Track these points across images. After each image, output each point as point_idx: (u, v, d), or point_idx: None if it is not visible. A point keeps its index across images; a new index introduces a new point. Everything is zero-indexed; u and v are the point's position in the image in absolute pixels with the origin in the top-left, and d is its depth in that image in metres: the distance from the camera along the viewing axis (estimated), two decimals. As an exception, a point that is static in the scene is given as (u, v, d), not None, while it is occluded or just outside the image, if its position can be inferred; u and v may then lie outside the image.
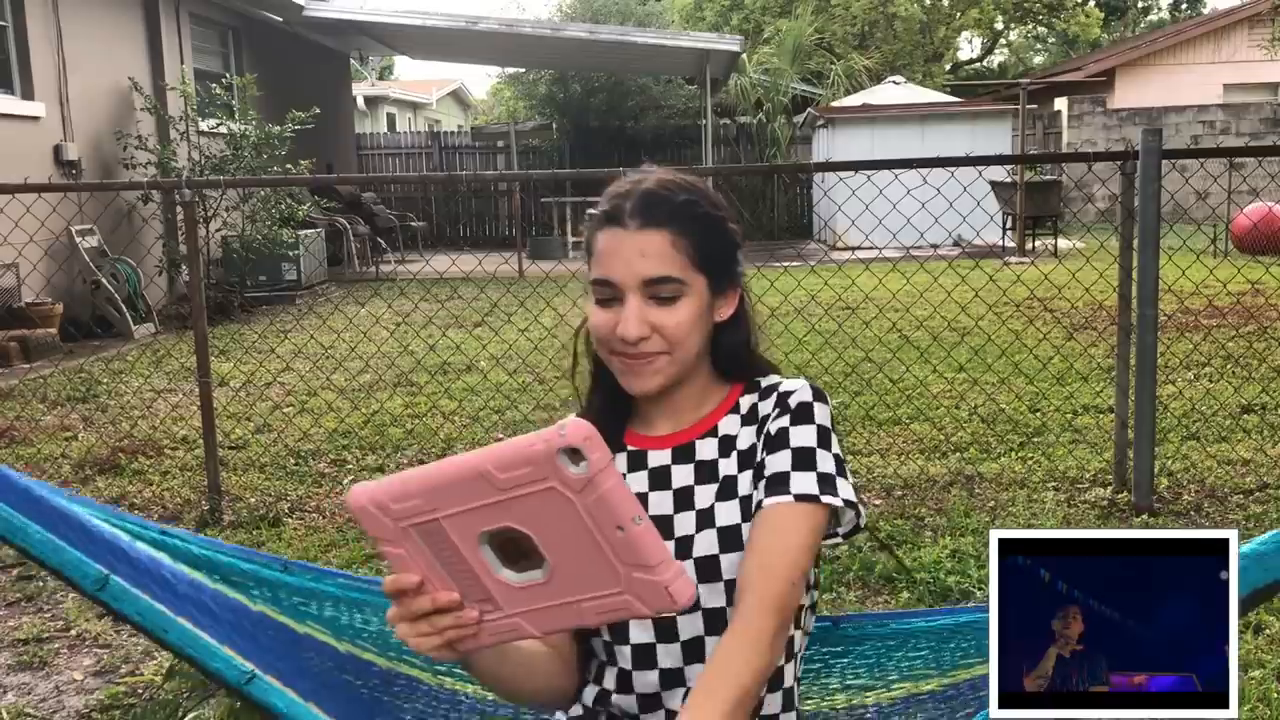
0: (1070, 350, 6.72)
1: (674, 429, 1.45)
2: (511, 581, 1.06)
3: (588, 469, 0.98)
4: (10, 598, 3.66)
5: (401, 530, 1.06)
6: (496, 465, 1.00)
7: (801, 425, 1.39)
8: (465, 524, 1.04)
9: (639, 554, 1.01)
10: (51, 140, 9.42)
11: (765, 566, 1.29)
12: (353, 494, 1.07)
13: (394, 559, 1.09)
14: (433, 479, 1.04)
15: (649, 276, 1.35)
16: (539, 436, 0.99)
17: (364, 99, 26.01)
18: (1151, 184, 3.95)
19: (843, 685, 1.70)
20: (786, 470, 1.35)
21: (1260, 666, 2.86)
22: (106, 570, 1.36)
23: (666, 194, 1.38)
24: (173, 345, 8.32)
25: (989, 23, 29.22)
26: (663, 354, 1.37)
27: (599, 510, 0.99)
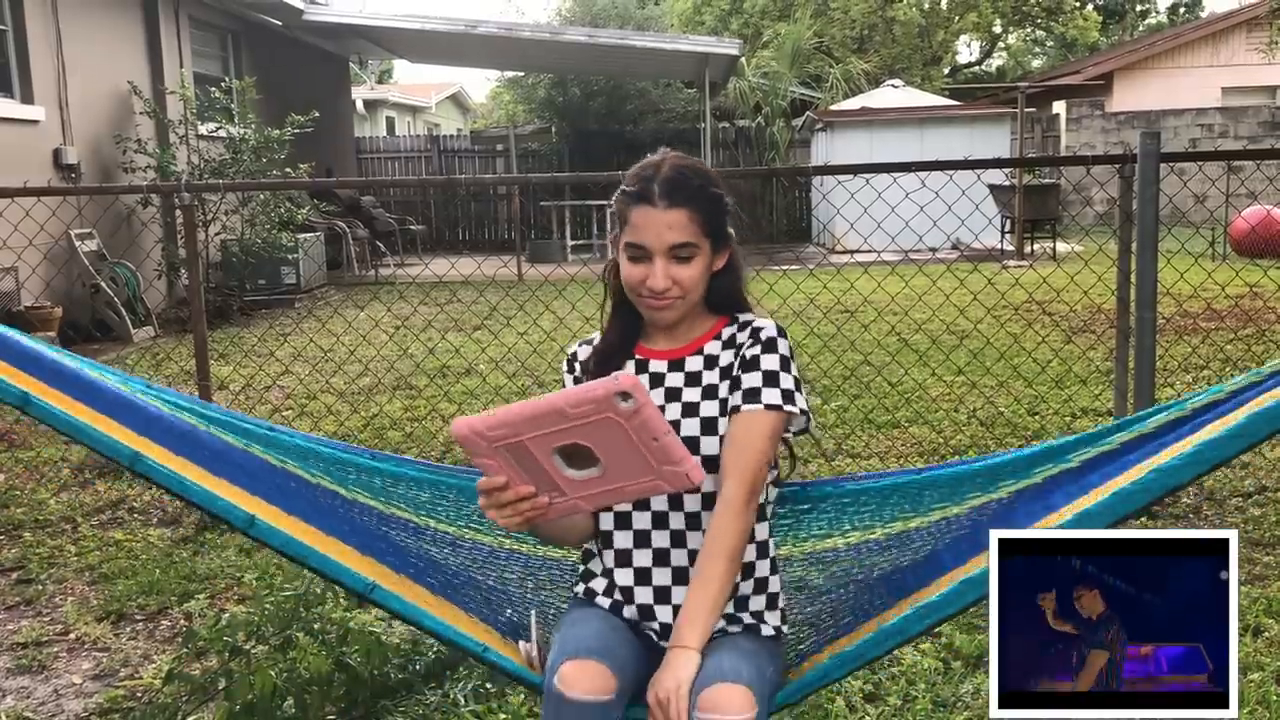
0: (1069, 353, 6.72)
1: (670, 346, 1.96)
2: (575, 477, 1.56)
3: (634, 404, 1.45)
4: (9, 601, 3.66)
5: (493, 449, 1.53)
6: (568, 403, 1.47)
7: (769, 354, 1.88)
8: (543, 442, 1.51)
9: (669, 455, 1.51)
10: (51, 144, 9.42)
11: (740, 454, 1.81)
12: (456, 424, 1.53)
13: (485, 468, 1.58)
14: (520, 413, 1.50)
15: (674, 243, 1.84)
16: (599, 384, 1.47)
17: (363, 102, 26.02)
18: (1150, 187, 3.95)
19: (809, 534, 2.20)
20: (758, 386, 1.85)
21: (1259, 669, 2.86)
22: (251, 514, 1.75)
23: (685, 179, 1.86)
24: (172, 349, 8.32)
25: (987, 26, 29.23)
26: (679, 298, 1.87)
27: (642, 429, 1.48)
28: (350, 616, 2.87)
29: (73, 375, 1.94)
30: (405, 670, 2.76)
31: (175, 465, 1.83)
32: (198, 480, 1.81)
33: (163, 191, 5.30)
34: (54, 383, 1.88)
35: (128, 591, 3.65)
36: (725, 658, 1.72)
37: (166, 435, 1.93)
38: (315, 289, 12.01)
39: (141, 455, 1.75)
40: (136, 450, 1.75)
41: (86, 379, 1.96)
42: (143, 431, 1.89)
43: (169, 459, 1.84)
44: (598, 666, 1.68)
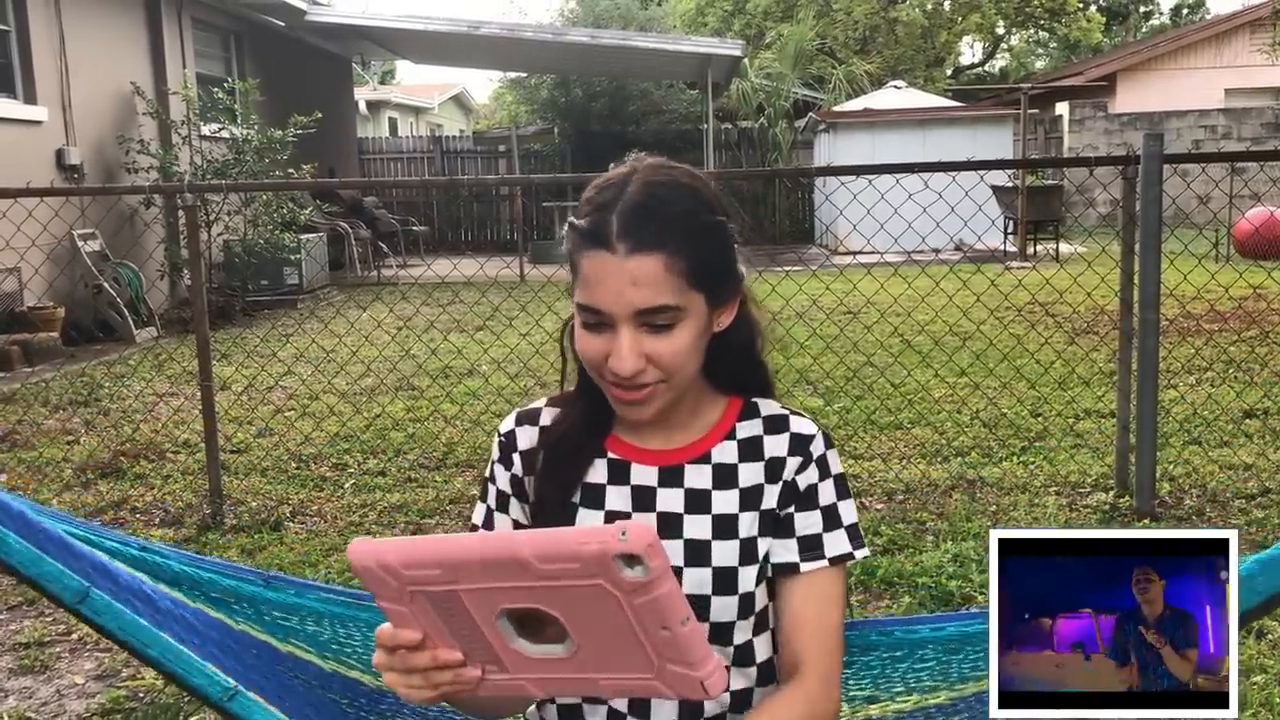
0: (1072, 355, 6.72)
1: (663, 445, 1.36)
2: (528, 652, 1.03)
3: (645, 575, 0.93)
4: (12, 601, 3.66)
5: (409, 593, 1.02)
6: (538, 556, 0.95)
7: (825, 481, 1.35)
8: (486, 599, 1.00)
9: (683, 653, 0.98)
10: (54, 144, 9.43)
11: (822, 641, 1.30)
12: (354, 550, 1.01)
13: (393, 615, 1.04)
14: (457, 553, 0.99)
15: (642, 307, 1.22)
16: (593, 535, 0.94)
17: (366, 103, 26.04)
18: (1153, 188, 3.95)
19: (847, 697, 1.64)
20: (819, 533, 1.33)
21: (1263, 671, 2.85)
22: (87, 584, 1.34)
23: (657, 205, 1.24)
24: (174, 349, 8.33)
25: (990, 27, 29.21)
26: (659, 383, 1.27)
27: (648, 611, 0.96)
28: (352, 617, 2.87)
29: None
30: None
31: None
32: None
33: (165, 192, 5.30)
34: None
35: (130, 592, 3.65)
36: None
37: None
38: (318, 290, 12.02)
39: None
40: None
41: None
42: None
43: None
44: None
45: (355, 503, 4.56)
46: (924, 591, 3.41)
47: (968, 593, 3.38)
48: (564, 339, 1.38)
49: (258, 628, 1.72)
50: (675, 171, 1.31)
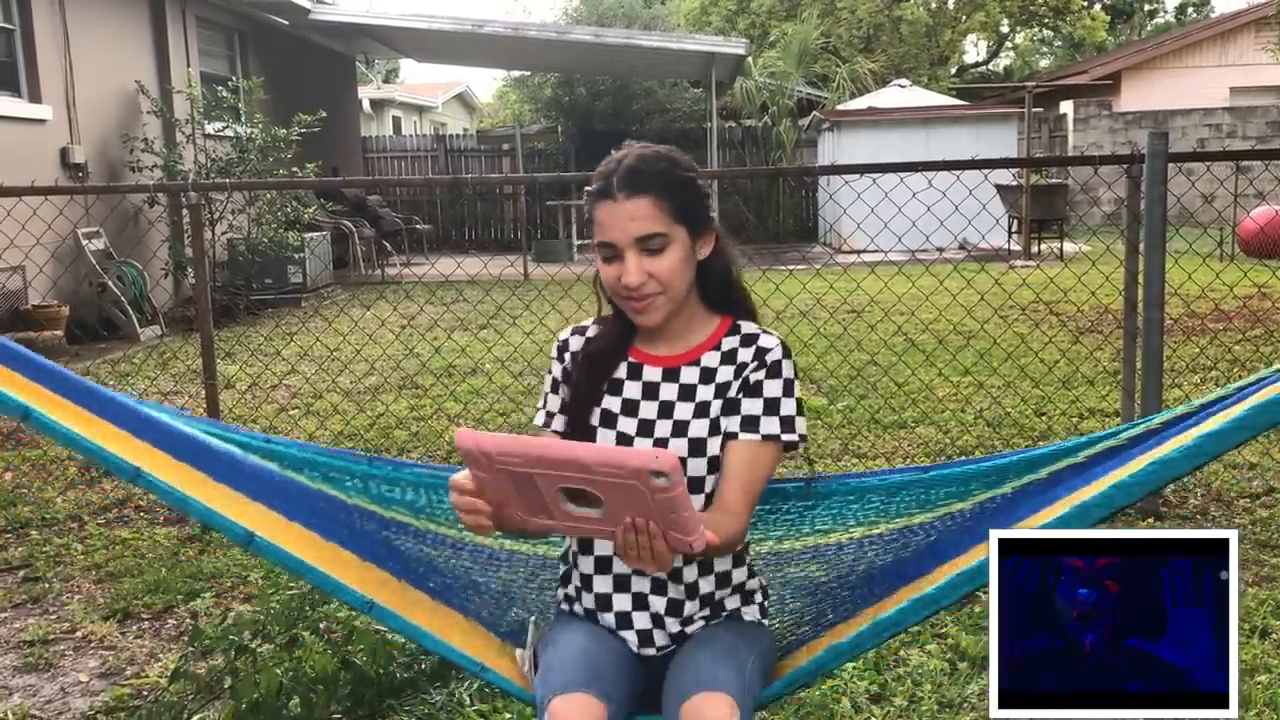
0: (1076, 354, 6.71)
1: (667, 352, 1.87)
2: (573, 512, 1.50)
3: (667, 484, 1.40)
4: (16, 599, 3.67)
5: (495, 470, 1.48)
6: (596, 461, 1.42)
7: (772, 379, 1.81)
8: (553, 480, 1.46)
9: (683, 527, 1.47)
10: (58, 143, 9.44)
11: (744, 489, 1.77)
12: (461, 435, 1.46)
13: (479, 480, 1.53)
14: (540, 452, 1.45)
15: (639, 235, 1.75)
16: (635, 454, 1.45)
17: (369, 102, 26.04)
18: (1157, 187, 3.94)
19: (812, 529, 2.18)
20: (758, 415, 1.80)
21: (1267, 671, 2.85)
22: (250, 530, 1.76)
23: (644, 166, 1.77)
24: (178, 347, 8.34)
25: (994, 26, 29.15)
26: (659, 294, 1.77)
27: (664, 504, 1.44)
28: (356, 616, 2.87)
29: (74, 380, 1.94)
30: (410, 669, 2.77)
31: (176, 474, 1.84)
32: (199, 490, 1.82)
33: (169, 190, 5.31)
34: (56, 388, 1.88)
35: (134, 590, 3.66)
36: (704, 662, 1.72)
37: (167, 440, 1.93)
38: (321, 288, 12.03)
39: (143, 471, 1.75)
40: (138, 466, 1.76)
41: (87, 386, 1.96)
42: (144, 437, 1.89)
43: (170, 467, 1.85)
44: (585, 699, 1.66)
45: (359, 501, 4.56)
46: (927, 591, 3.40)
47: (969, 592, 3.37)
48: (596, 283, 1.89)
49: (365, 499, 2.19)
50: (658, 147, 1.85)
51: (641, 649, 1.83)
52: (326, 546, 1.93)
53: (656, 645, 1.83)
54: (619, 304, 1.83)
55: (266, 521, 1.86)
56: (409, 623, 1.85)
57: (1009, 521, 1.74)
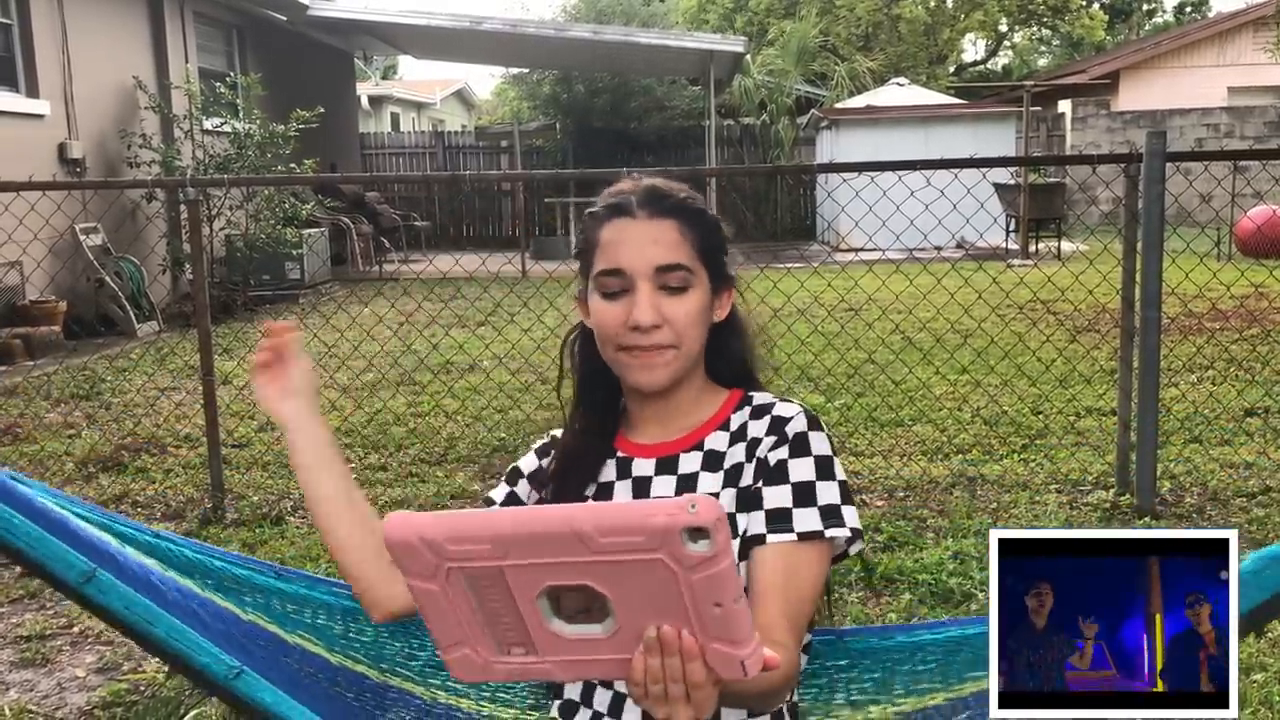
0: (1073, 353, 6.72)
1: (662, 438, 1.45)
2: (564, 634, 0.99)
3: (710, 549, 0.91)
4: (13, 594, 3.66)
5: (446, 570, 0.97)
6: (599, 529, 0.93)
7: (800, 458, 1.37)
8: (532, 576, 0.96)
9: (731, 630, 0.96)
10: (56, 138, 9.43)
11: (785, 607, 1.28)
12: (392, 524, 0.97)
13: (420, 594, 0.99)
14: (510, 527, 0.95)
15: (661, 263, 1.37)
16: (660, 508, 0.92)
17: (368, 98, 26.02)
18: (1155, 187, 3.95)
19: (848, 700, 1.67)
20: (788, 507, 1.34)
21: (1263, 669, 2.85)
22: (94, 565, 1.35)
23: (670, 190, 1.42)
24: (176, 343, 8.34)
25: (993, 25, 29.17)
26: (671, 348, 1.37)
27: (704, 587, 0.94)
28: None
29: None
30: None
31: None
32: None
33: (167, 186, 5.31)
34: None
35: (131, 586, 3.65)
36: None
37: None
38: (319, 284, 12.02)
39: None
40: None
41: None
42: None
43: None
44: None
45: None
46: (924, 589, 3.41)
47: (968, 590, 3.38)
48: (563, 353, 1.53)
49: (266, 618, 1.72)
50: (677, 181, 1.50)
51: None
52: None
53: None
54: (613, 362, 1.42)
55: None
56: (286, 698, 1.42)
57: None
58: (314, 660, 1.72)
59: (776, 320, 6.96)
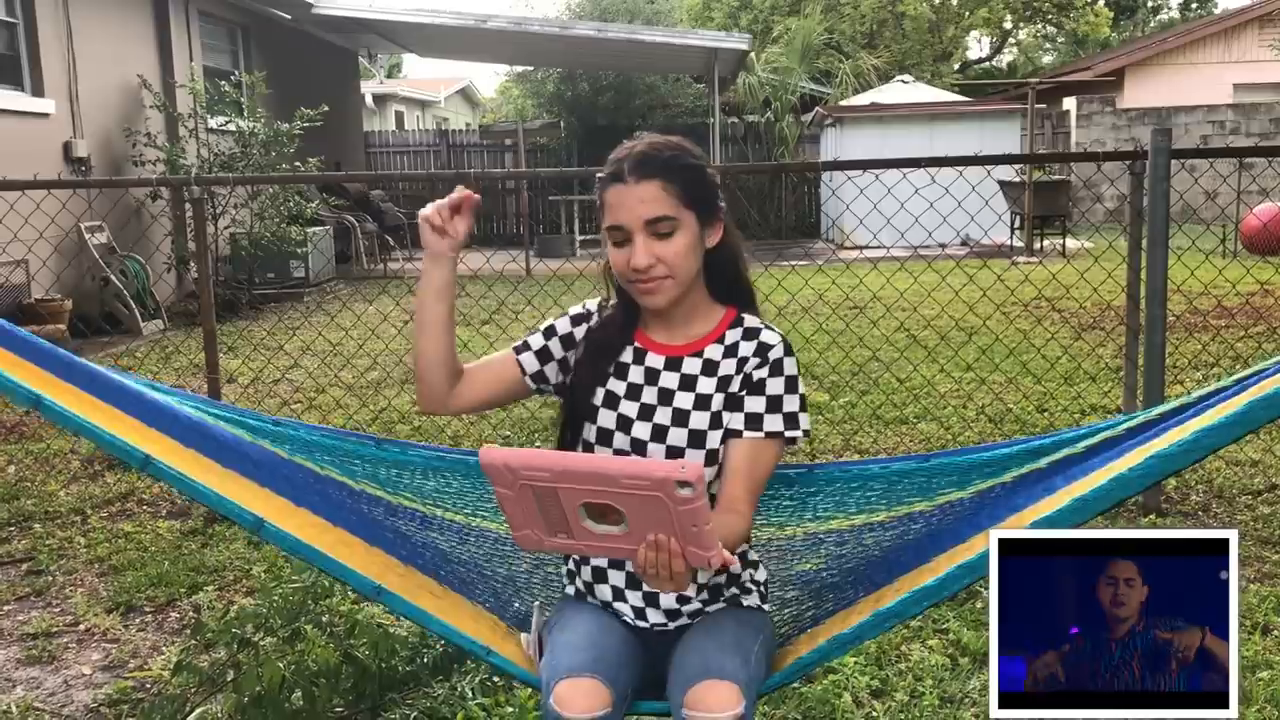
0: (1078, 350, 6.71)
1: (670, 340, 1.90)
2: (595, 530, 1.49)
3: (691, 493, 1.39)
4: (20, 592, 3.68)
5: (519, 485, 1.46)
6: (622, 473, 1.42)
7: (774, 377, 1.83)
8: (575, 495, 1.45)
9: (702, 542, 1.46)
10: (61, 137, 9.45)
11: (747, 486, 1.79)
12: (485, 452, 1.45)
13: (502, 498, 1.50)
14: (566, 465, 1.45)
15: (648, 217, 1.77)
16: (662, 466, 1.44)
17: (372, 97, 26.04)
18: (1160, 184, 3.94)
19: (814, 516, 2.18)
20: (761, 412, 1.82)
21: (1269, 667, 2.85)
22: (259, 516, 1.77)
23: (655, 152, 1.80)
24: (181, 342, 8.35)
25: (998, 22, 29.11)
26: (667, 278, 1.80)
27: (687, 516, 1.43)
28: (358, 609, 2.88)
29: (83, 368, 1.95)
30: (413, 663, 2.77)
31: (185, 461, 1.84)
32: (208, 477, 1.82)
33: (172, 185, 5.31)
34: (66, 376, 1.89)
35: (137, 583, 3.67)
36: (709, 649, 1.73)
37: (176, 427, 1.94)
38: (324, 283, 12.03)
39: (152, 458, 1.75)
40: (147, 453, 1.75)
41: (96, 372, 1.97)
42: (152, 424, 1.90)
43: (179, 454, 1.86)
44: (590, 683, 1.68)
45: (361, 496, 4.57)
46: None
47: (972, 588, 3.38)
48: (605, 271, 1.94)
49: (372, 484, 2.20)
50: (670, 137, 1.88)
51: (637, 621, 1.87)
52: (334, 531, 1.95)
53: (650, 621, 1.87)
54: (627, 289, 1.86)
55: (274, 507, 1.87)
56: (415, 607, 1.86)
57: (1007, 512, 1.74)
58: (413, 515, 2.22)
59: (781, 318, 6.96)
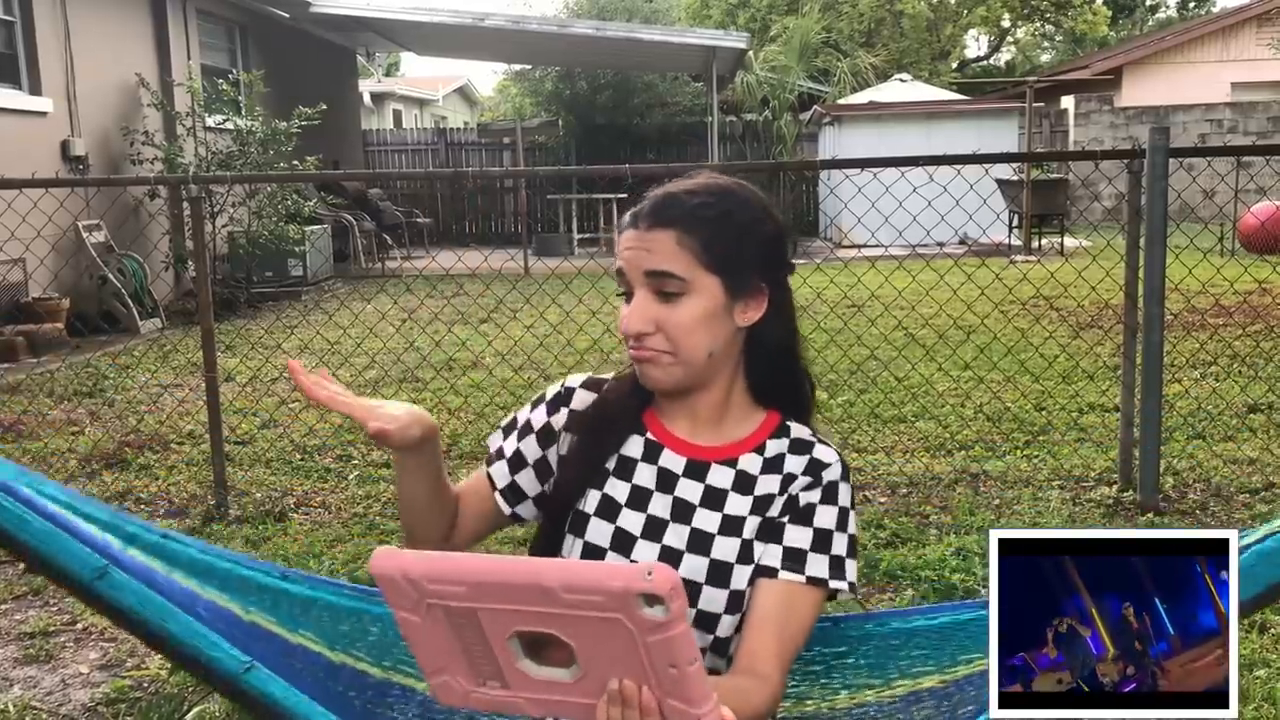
0: (1076, 349, 6.71)
1: (692, 438, 1.47)
2: (533, 674, 1.07)
3: (665, 615, 0.97)
4: (17, 591, 3.67)
5: (426, 605, 1.05)
6: (564, 586, 0.99)
7: (826, 505, 1.42)
8: (503, 619, 1.04)
9: (685, 692, 1.01)
10: (59, 135, 9.44)
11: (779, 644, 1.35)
12: (378, 559, 1.05)
13: (406, 624, 1.08)
14: (484, 574, 1.03)
15: (649, 269, 1.38)
16: (619, 573, 0.98)
17: (370, 95, 26.01)
18: (1158, 182, 3.94)
19: (844, 684, 1.73)
20: (805, 549, 1.40)
21: (1266, 665, 2.85)
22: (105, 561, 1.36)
23: (684, 197, 1.42)
24: (179, 340, 8.35)
25: (996, 20, 29.12)
26: (666, 353, 1.40)
27: (660, 649, 0.99)
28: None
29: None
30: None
31: None
32: None
33: (170, 183, 5.30)
34: None
35: (134, 583, 3.66)
36: None
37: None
38: (322, 281, 12.03)
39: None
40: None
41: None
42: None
43: None
44: None
45: (359, 494, 4.57)
46: (926, 585, 3.41)
47: (970, 586, 3.38)
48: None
49: (270, 618, 1.75)
50: (723, 179, 1.47)
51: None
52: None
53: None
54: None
55: None
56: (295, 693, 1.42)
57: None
58: (316, 659, 1.74)
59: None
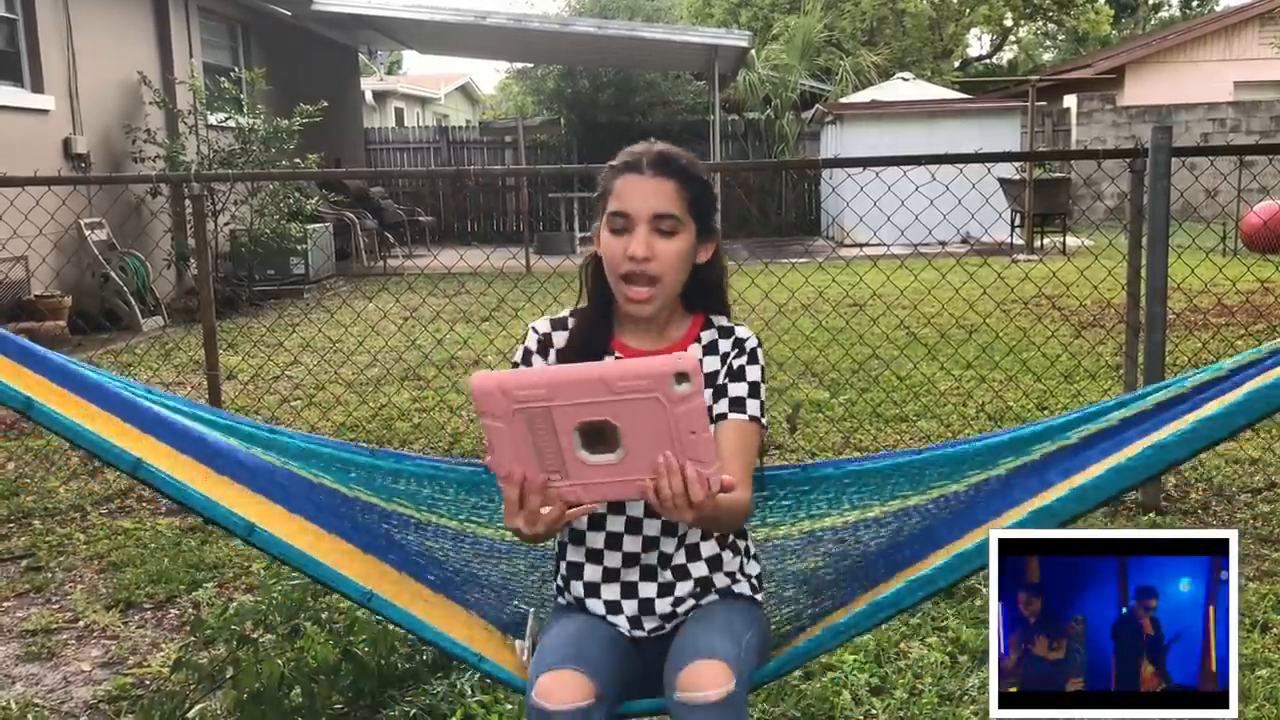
0: (1078, 348, 6.71)
1: (649, 345, 1.91)
2: (587, 460, 1.45)
3: (689, 388, 1.37)
4: (19, 588, 3.67)
5: (513, 411, 1.42)
6: (619, 376, 1.38)
7: (752, 365, 1.91)
8: (570, 414, 1.41)
9: (700, 452, 1.43)
10: (61, 133, 9.44)
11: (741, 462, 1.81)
12: (479, 378, 1.41)
13: (491, 432, 1.45)
14: (559, 375, 1.43)
15: (658, 211, 1.81)
16: (657, 360, 1.40)
17: (372, 94, 26.02)
18: (1161, 182, 3.94)
19: (808, 514, 2.22)
20: (744, 397, 1.89)
21: (1267, 665, 2.85)
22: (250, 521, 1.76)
23: (674, 155, 1.87)
24: (181, 338, 8.35)
25: (998, 19, 29.09)
26: (656, 278, 1.81)
27: (685, 417, 1.39)
28: (358, 606, 2.87)
29: (77, 374, 1.94)
30: (412, 660, 2.77)
31: (178, 466, 1.82)
32: (200, 482, 1.81)
33: (172, 181, 5.32)
34: (58, 381, 1.88)
35: (136, 580, 3.67)
36: (700, 633, 1.76)
37: (168, 433, 1.93)
38: (324, 279, 12.03)
39: (143, 462, 1.73)
40: (138, 457, 1.74)
41: (91, 379, 1.96)
42: (146, 429, 1.89)
43: (172, 459, 1.85)
44: (573, 675, 1.69)
45: (360, 493, 4.57)
46: (928, 584, 3.41)
47: (971, 585, 3.38)
48: (582, 271, 1.98)
49: (367, 491, 2.22)
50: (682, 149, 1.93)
51: (633, 632, 1.89)
52: (327, 538, 1.94)
53: (647, 629, 1.89)
54: (614, 285, 1.86)
55: (267, 514, 1.87)
56: (406, 613, 1.85)
57: (1004, 505, 1.75)
58: (406, 522, 2.24)
59: (781, 315, 6.96)
